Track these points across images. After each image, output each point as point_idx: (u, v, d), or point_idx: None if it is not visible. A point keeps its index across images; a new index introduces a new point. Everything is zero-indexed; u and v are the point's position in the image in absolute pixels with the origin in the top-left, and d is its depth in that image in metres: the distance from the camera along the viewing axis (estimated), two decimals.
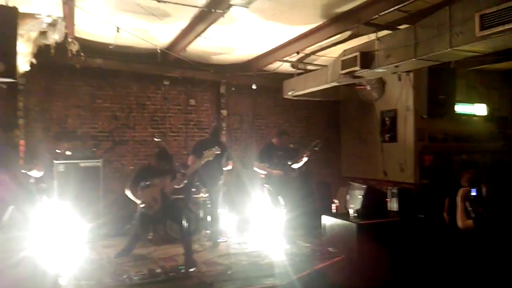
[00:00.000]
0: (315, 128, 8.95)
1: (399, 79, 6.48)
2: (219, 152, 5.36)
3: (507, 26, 3.35)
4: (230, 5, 4.45)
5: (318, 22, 5.39)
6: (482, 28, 3.56)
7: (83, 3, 4.83)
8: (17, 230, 5.04)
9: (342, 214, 5.92)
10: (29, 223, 5.01)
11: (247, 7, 4.42)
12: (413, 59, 4.53)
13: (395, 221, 5.84)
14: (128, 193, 5.13)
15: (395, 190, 6.71)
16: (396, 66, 4.92)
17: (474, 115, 7.82)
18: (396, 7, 4.29)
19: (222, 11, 4.68)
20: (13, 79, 4.24)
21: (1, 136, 5.10)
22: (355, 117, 8.72)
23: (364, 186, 5.86)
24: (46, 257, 4.71)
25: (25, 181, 4.98)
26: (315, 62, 7.24)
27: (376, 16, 4.63)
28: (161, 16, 5.22)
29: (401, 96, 7.36)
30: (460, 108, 7.41)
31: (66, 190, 6.04)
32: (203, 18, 5.16)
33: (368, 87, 7.19)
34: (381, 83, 7.31)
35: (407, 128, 7.36)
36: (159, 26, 5.65)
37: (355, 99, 8.20)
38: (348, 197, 6.19)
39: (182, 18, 5.33)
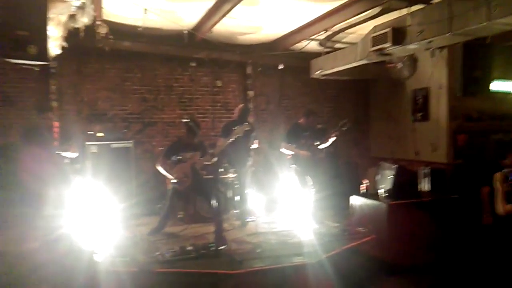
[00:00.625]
0: (344, 108, 8.80)
1: (432, 55, 6.24)
2: (249, 129, 5.35)
3: None
4: None
5: None
6: None
7: None
8: (53, 208, 5.28)
9: (372, 194, 5.83)
10: (64, 202, 5.24)
11: None
12: (448, 34, 4.35)
13: (427, 201, 5.71)
14: (160, 168, 5.22)
15: (427, 170, 6.55)
16: (430, 42, 4.73)
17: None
18: None
19: None
20: (45, 61, 4.33)
21: (35, 118, 5.25)
22: (385, 96, 8.51)
23: (395, 166, 5.73)
24: (82, 235, 4.91)
25: (60, 162, 5.16)
26: (344, 40, 7.07)
27: None
28: None
29: (434, 74, 7.11)
30: (497, 85, 7.06)
31: (99, 170, 6.22)
32: None
33: (399, 65, 6.97)
34: (412, 60, 7.08)
35: (440, 107, 7.14)
36: (185, 6, 5.64)
37: (385, 77, 7.98)
38: (378, 177, 6.07)
39: None
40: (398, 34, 4.99)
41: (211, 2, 5.45)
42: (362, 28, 6.28)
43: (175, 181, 5.11)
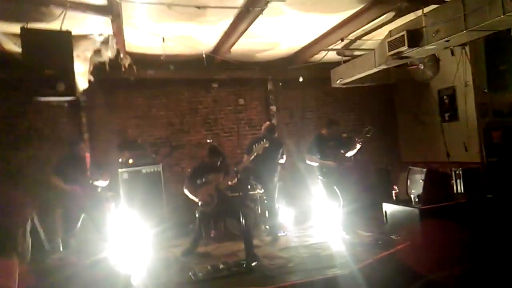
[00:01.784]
0: (369, 115, 8.70)
1: (452, 54, 6.12)
2: (267, 146, 5.40)
3: None
4: (267, 2, 4.47)
5: (358, 7, 5.25)
6: None
7: (130, 19, 5.09)
8: (91, 237, 5.49)
9: (403, 200, 5.71)
10: (100, 229, 5.44)
11: (283, 1, 4.40)
12: (464, 31, 4.26)
13: (461, 203, 5.53)
14: (186, 191, 5.35)
15: (459, 171, 6.37)
16: (447, 41, 4.65)
17: None
18: None
19: (260, 9, 4.73)
20: (73, 96, 4.61)
21: (68, 150, 5.51)
22: (411, 99, 8.37)
23: (424, 170, 5.60)
24: (118, 259, 5.06)
25: (94, 191, 5.38)
26: (362, 47, 7.05)
27: None
28: (202, 20, 5.36)
29: (458, 72, 6.94)
30: None
31: (131, 196, 6.43)
32: (243, 18, 5.23)
33: (421, 66, 6.85)
34: (435, 60, 6.93)
35: (468, 105, 6.94)
36: (202, 30, 5.81)
37: (409, 80, 7.85)
38: (408, 182, 5.95)
39: (223, 20, 5.44)
40: (414, 36, 4.94)
41: (227, 23, 5.60)
42: (379, 34, 6.25)
43: (201, 203, 5.21)
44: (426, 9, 4.92)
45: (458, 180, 6.34)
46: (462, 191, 6.24)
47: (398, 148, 8.92)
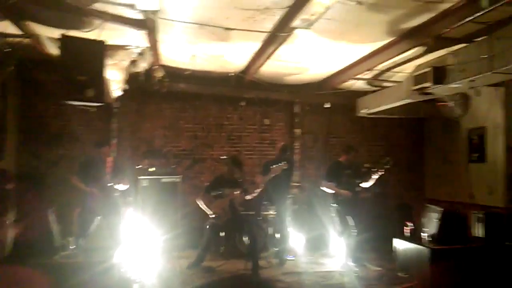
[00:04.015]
0: (395, 147, 8.56)
1: (477, 94, 5.97)
2: (286, 168, 5.44)
3: None
4: (293, 28, 4.59)
5: (387, 39, 5.28)
6: None
7: (166, 34, 5.34)
8: (103, 240, 5.66)
9: (415, 238, 5.55)
10: (115, 233, 5.62)
11: (308, 29, 4.51)
12: (489, 73, 4.20)
13: (477, 247, 5.31)
14: (200, 202, 5.44)
15: (481, 215, 6.12)
16: (472, 81, 4.59)
17: None
18: (466, 20, 4.04)
19: (287, 34, 4.85)
20: (102, 103, 4.85)
21: (92, 153, 5.75)
22: (440, 135, 8.18)
23: (441, 209, 5.44)
24: (126, 265, 5.20)
25: (112, 194, 5.58)
26: (392, 79, 7.02)
27: (447, 29, 4.40)
28: (232, 41, 5.55)
29: (490, 112, 6.76)
30: None
31: (148, 203, 6.61)
32: (271, 41, 5.36)
33: (451, 103, 6.73)
34: (465, 98, 6.81)
35: (497, 148, 6.72)
36: (232, 50, 6.00)
37: (439, 116, 7.71)
38: (423, 220, 5.79)
39: (252, 42, 5.61)
40: (439, 73, 4.91)
41: (256, 45, 5.76)
42: (408, 67, 6.23)
43: (213, 216, 5.29)
44: (454, 47, 4.88)
45: (478, 224, 6.09)
46: (482, 236, 5.99)
47: (422, 184, 8.70)
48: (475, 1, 3.79)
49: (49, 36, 5.33)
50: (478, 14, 3.91)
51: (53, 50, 5.63)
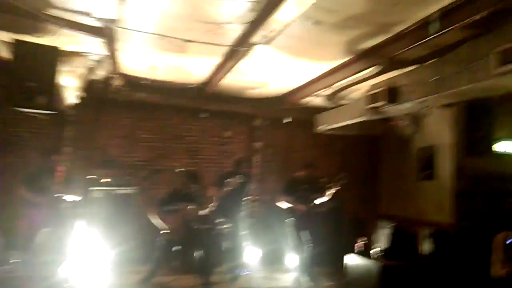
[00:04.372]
0: (352, 163, 8.77)
1: (426, 115, 6.27)
2: (242, 181, 5.43)
3: None
4: (253, 44, 4.64)
5: (345, 58, 5.44)
6: (499, 64, 3.44)
7: (126, 43, 5.24)
8: (51, 254, 5.39)
9: (366, 253, 5.70)
10: (62, 246, 5.37)
11: (268, 45, 4.58)
12: (436, 95, 4.42)
13: (425, 264, 5.52)
14: (152, 217, 5.31)
15: (429, 231, 6.37)
16: (421, 102, 4.81)
17: None
18: (417, 43, 4.24)
19: (246, 49, 4.90)
20: (53, 111, 4.68)
21: (41, 161, 5.51)
22: (394, 152, 8.48)
23: (391, 225, 5.62)
24: (75, 281, 4.98)
25: (60, 206, 5.34)
26: (350, 96, 7.22)
27: (399, 52, 4.60)
28: (193, 54, 5.53)
29: (440, 132, 7.08)
30: (506, 146, 6.98)
31: (101, 215, 6.39)
32: (232, 56, 5.40)
33: (403, 122, 7.01)
34: (417, 118, 7.10)
35: (445, 166, 7.03)
36: (193, 62, 5.98)
37: (393, 134, 8.00)
38: (375, 236, 5.96)
39: (214, 56, 5.62)
40: (393, 93, 5.11)
41: (217, 59, 5.77)
42: (365, 86, 6.44)
43: (165, 231, 5.18)
44: (407, 69, 5.10)
45: (426, 241, 6.33)
46: (430, 252, 6.22)
47: (377, 200, 8.94)
48: (425, 26, 3.99)
49: (3, 39, 5.12)
50: (428, 38, 4.11)
51: (5, 54, 5.41)
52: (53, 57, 4.44)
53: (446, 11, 3.74)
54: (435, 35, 3.93)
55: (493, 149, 6.54)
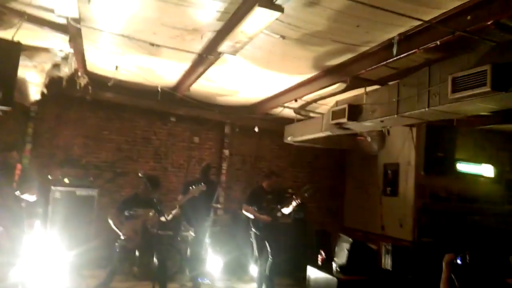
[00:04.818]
0: (319, 175, 8.88)
1: (388, 133, 6.43)
2: (204, 189, 5.39)
3: (476, 91, 3.33)
4: (220, 53, 4.63)
5: (312, 73, 5.51)
6: (454, 90, 3.54)
7: (94, 42, 5.15)
8: (4, 255, 5.17)
9: (326, 266, 5.72)
10: (16, 247, 5.16)
11: (234, 55, 4.58)
12: (395, 116, 4.52)
13: (383, 279, 5.59)
14: (111, 222, 5.19)
15: (389, 247, 6.46)
16: (381, 121, 4.90)
17: (481, 176, 7.53)
18: (380, 64, 4.33)
19: (214, 57, 4.89)
20: (9, 107, 4.52)
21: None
22: (359, 167, 8.62)
23: (351, 240, 5.67)
24: (29, 285, 4.80)
25: (16, 205, 5.15)
26: (317, 110, 7.31)
27: (363, 71, 4.68)
28: (162, 57, 5.48)
29: (403, 150, 7.26)
30: (466, 167, 7.20)
31: (59, 216, 6.22)
32: (201, 62, 5.39)
33: (369, 139, 7.14)
34: (381, 135, 7.26)
35: (408, 183, 7.20)
36: (163, 66, 5.92)
37: (359, 149, 8.13)
38: (336, 249, 6.00)
39: (183, 61, 5.58)
40: (354, 110, 5.19)
41: (187, 64, 5.74)
42: (331, 101, 6.53)
43: (123, 237, 5.07)
44: (370, 88, 5.20)
45: (387, 256, 6.42)
46: (389, 268, 6.30)
47: (342, 213, 9.05)
48: (388, 47, 4.08)
49: None
50: (390, 60, 4.21)
51: None
52: (14, 52, 4.29)
53: (408, 35, 3.83)
54: (397, 58, 4.03)
55: (454, 169, 6.72)
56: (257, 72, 5.69)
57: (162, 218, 5.29)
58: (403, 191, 7.25)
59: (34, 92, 6.34)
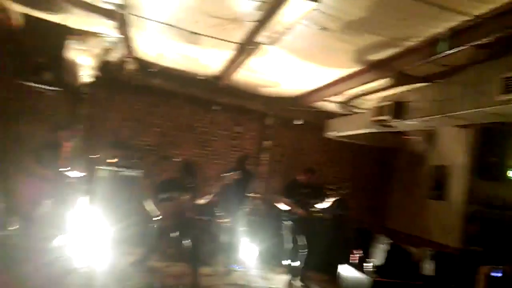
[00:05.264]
0: (360, 172, 8.59)
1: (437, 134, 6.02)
2: (236, 177, 5.41)
3: None
4: (258, 43, 4.59)
5: (354, 67, 5.30)
6: (504, 91, 3.24)
7: (139, 29, 5.29)
8: (50, 226, 5.53)
9: (360, 266, 5.57)
10: (63, 220, 5.50)
11: (273, 45, 4.51)
12: (439, 116, 4.24)
13: (420, 285, 5.35)
14: (147, 203, 5.37)
15: (432, 253, 6.15)
16: (426, 121, 4.62)
17: None
18: (425, 61, 4.07)
19: (253, 47, 4.85)
20: (59, 88, 4.80)
21: (51, 135, 5.60)
22: (406, 168, 8.24)
23: (390, 241, 5.46)
24: (69, 256, 5.10)
25: (64, 180, 5.46)
26: (363, 106, 7.05)
27: (409, 67, 4.43)
28: (205, 46, 5.53)
29: (455, 153, 6.81)
30: None
31: (103, 194, 6.52)
32: (241, 52, 5.36)
33: (416, 138, 6.78)
34: (431, 135, 6.86)
35: (458, 188, 6.75)
36: (206, 54, 5.98)
37: (405, 149, 7.76)
38: (374, 249, 5.81)
39: (224, 49, 5.59)
40: (399, 108, 4.95)
41: (228, 53, 5.74)
42: (376, 97, 6.25)
43: (157, 218, 5.23)
44: (417, 85, 4.92)
45: (429, 261, 6.11)
46: (431, 274, 6.00)
47: (384, 213, 8.73)
48: (434, 43, 3.83)
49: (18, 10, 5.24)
50: (437, 56, 3.94)
51: (16, 23, 5.51)
52: (62, 36, 4.53)
53: (456, 30, 3.56)
54: (443, 54, 3.76)
55: (506, 175, 6.23)
56: (297, 64, 5.58)
57: (197, 202, 5.40)
58: (452, 195, 6.82)
59: (86, 75, 6.64)
